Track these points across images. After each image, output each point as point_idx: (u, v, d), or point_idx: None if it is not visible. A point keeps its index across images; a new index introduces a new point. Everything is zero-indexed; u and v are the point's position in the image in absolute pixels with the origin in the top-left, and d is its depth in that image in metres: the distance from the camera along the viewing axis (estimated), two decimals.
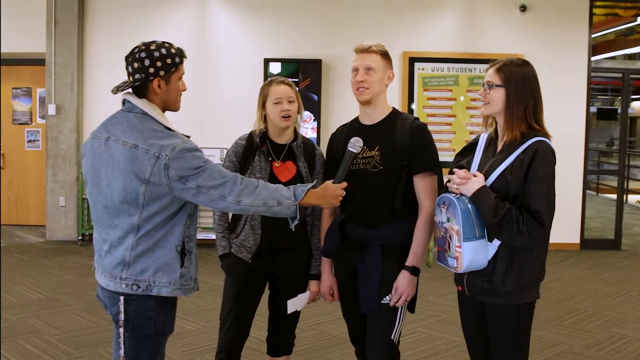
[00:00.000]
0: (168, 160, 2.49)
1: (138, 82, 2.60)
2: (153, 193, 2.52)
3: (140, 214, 2.54)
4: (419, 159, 3.10)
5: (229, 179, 2.58)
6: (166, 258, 2.59)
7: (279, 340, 3.55)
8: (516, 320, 2.84)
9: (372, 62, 3.11)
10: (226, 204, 2.58)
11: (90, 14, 8.72)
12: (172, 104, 2.71)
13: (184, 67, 2.72)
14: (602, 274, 7.69)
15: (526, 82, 2.77)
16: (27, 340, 5.03)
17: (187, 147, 2.54)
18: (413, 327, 5.44)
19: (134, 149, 2.53)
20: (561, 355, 4.97)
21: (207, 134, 8.44)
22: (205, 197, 2.54)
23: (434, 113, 8.71)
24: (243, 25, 8.70)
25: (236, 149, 3.41)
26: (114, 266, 2.61)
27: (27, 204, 9.79)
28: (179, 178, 2.50)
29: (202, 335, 5.19)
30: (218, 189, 2.55)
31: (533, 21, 8.73)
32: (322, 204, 2.86)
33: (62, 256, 7.96)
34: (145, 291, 2.58)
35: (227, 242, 3.41)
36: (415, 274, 3.11)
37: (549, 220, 2.67)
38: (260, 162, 3.35)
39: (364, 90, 3.12)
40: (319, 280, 3.42)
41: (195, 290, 2.78)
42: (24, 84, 9.70)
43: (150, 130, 2.56)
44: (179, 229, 2.61)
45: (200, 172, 2.52)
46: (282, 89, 3.34)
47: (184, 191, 2.52)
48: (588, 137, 8.88)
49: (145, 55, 2.58)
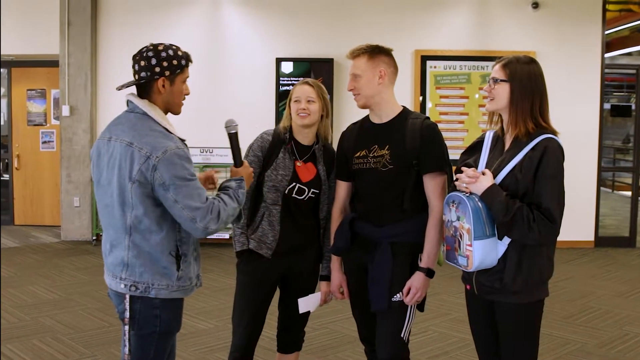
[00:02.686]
0: (157, 161, 2.52)
1: (143, 80, 2.64)
2: (138, 192, 2.55)
3: (131, 213, 2.58)
4: (428, 159, 3.10)
5: (205, 206, 2.58)
6: (162, 262, 2.62)
7: (290, 337, 3.57)
8: (526, 318, 2.83)
9: (356, 69, 3.14)
10: (193, 227, 2.59)
11: (103, 15, 8.78)
12: (175, 106, 2.74)
13: (189, 71, 2.75)
14: (616, 271, 7.64)
15: (532, 79, 2.76)
16: (40, 340, 5.07)
17: (179, 153, 2.56)
18: (424, 326, 5.44)
19: (129, 147, 2.57)
20: (573, 353, 4.95)
21: (219, 133, 8.42)
22: (177, 212, 2.56)
23: (446, 111, 8.69)
24: (255, 25, 8.72)
25: (262, 143, 3.41)
26: (115, 266, 2.66)
27: (42, 204, 9.86)
28: (162, 184, 2.52)
29: (214, 334, 5.21)
30: (193, 211, 2.55)
31: (545, 18, 8.69)
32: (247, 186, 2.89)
33: (76, 256, 8.02)
34: (143, 293, 2.62)
35: (246, 238, 3.39)
36: (430, 276, 3.12)
37: (559, 217, 2.66)
38: (284, 160, 3.36)
39: (356, 96, 3.18)
40: (329, 281, 3.42)
41: (197, 287, 2.82)
42: (38, 85, 9.77)
43: (147, 130, 2.60)
44: (171, 234, 2.63)
45: (182, 186, 2.53)
46: (303, 89, 3.38)
47: (162, 198, 2.55)
48: (602, 134, 8.83)
49: (153, 55, 2.62)
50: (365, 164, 3.16)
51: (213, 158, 8.63)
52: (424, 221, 3.11)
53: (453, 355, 4.84)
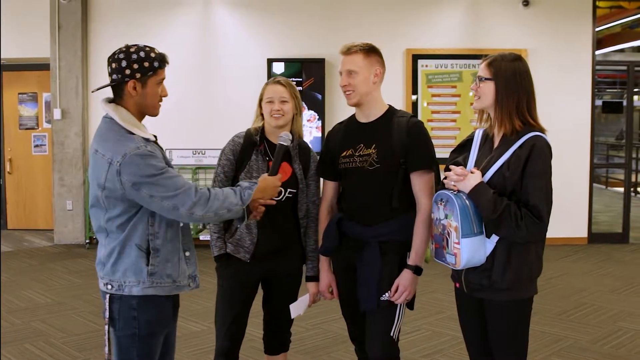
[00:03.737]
0: (119, 166, 2.51)
1: (114, 83, 2.63)
2: (110, 198, 2.57)
3: (104, 216, 2.61)
4: (416, 157, 3.10)
5: (183, 190, 2.57)
6: (131, 257, 2.62)
7: (276, 339, 3.56)
8: (515, 315, 2.84)
9: (352, 65, 3.11)
10: (177, 214, 2.59)
11: (94, 18, 8.75)
12: (150, 108, 2.71)
13: (164, 73, 2.71)
14: (609, 267, 7.65)
15: (517, 76, 2.76)
16: (32, 344, 5.06)
17: (140, 153, 2.53)
18: (418, 324, 5.44)
19: (95, 154, 2.60)
20: (566, 350, 4.96)
21: (211, 134, 8.47)
22: (157, 206, 2.56)
23: (438, 110, 8.69)
24: (246, 25, 8.71)
25: (234, 147, 3.39)
26: (97, 265, 2.72)
27: (36, 208, 9.84)
28: (132, 185, 2.51)
29: (207, 336, 5.20)
30: (171, 199, 2.55)
31: (536, 16, 8.70)
32: (264, 197, 2.88)
33: (69, 260, 8.00)
34: (118, 290, 2.63)
35: (223, 242, 3.38)
36: (418, 273, 3.12)
37: (546, 215, 2.67)
38: (257, 161, 3.34)
39: (349, 94, 3.14)
40: (316, 282, 3.41)
41: (191, 288, 2.80)
42: (29, 89, 9.75)
43: (110, 135, 2.59)
44: (141, 227, 2.62)
45: (153, 181, 2.52)
46: (275, 89, 3.35)
47: (137, 198, 2.55)
48: (594, 131, 8.84)
49: (124, 57, 2.60)
50: (351, 163, 3.15)
51: (205, 159, 8.62)
52: (412, 220, 3.10)
53: (446, 353, 4.84)
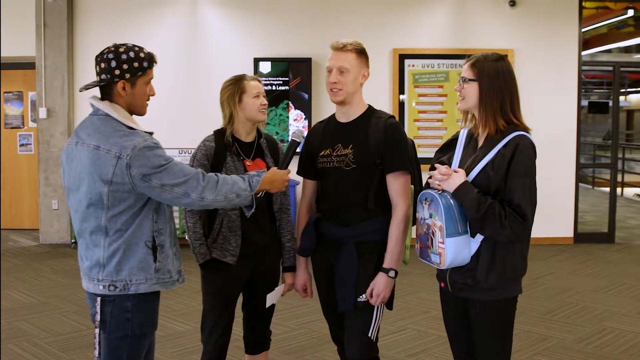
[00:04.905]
0: (129, 159, 2.52)
1: (103, 83, 2.62)
2: (117, 193, 2.55)
3: (106, 214, 2.57)
4: (392, 158, 3.08)
5: (192, 176, 2.62)
6: (139, 255, 2.61)
7: (256, 337, 3.57)
8: (499, 315, 2.84)
9: (345, 63, 3.07)
10: (189, 201, 2.63)
11: (79, 17, 8.70)
12: (138, 107, 2.71)
13: (153, 72, 2.71)
14: (595, 267, 7.68)
15: (500, 76, 2.77)
16: (16, 344, 5.03)
17: (148, 145, 2.56)
18: (403, 324, 5.44)
19: (96, 150, 2.56)
20: (551, 349, 4.97)
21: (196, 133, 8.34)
22: (169, 195, 2.58)
23: (425, 109, 8.70)
24: (233, 25, 8.69)
25: (207, 151, 3.35)
26: (91, 268, 2.64)
27: (21, 208, 9.77)
28: (142, 177, 2.53)
29: (192, 336, 5.18)
30: (181, 186, 2.59)
31: (523, 16, 8.72)
32: (272, 189, 2.96)
33: (55, 259, 7.96)
34: (122, 291, 2.60)
35: (207, 248, 3.34)
36: (393, 276, 3.09)
37: (530, 214, 2.67)
38: (233, 162, 3.34)
39: (337, 91, 3.10)
40: (293, 272, 3.44)
41: (180, 283, 2.81)
42: (15, 87, 9.69)
43: (111, 131, 2.58)
44: (147, 224, 2.63)
45: (162, 170, 2.55)
46: (259, 85, 3.40)
47: (147, 189, 2.56)
48: (580, 131, 8.88)
49: (113, 57, 2.59)
50: (329, 163, 3.14)
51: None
52: (389, 220, 3.09)
53: (431, 353, 4.84)
